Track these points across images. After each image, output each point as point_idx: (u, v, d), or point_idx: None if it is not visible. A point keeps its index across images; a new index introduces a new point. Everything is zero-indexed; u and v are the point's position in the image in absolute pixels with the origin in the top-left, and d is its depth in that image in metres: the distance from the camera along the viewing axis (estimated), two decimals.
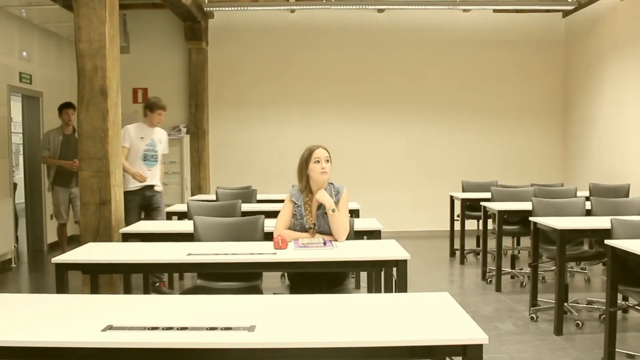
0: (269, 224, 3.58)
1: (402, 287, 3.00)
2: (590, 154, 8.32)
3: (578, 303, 4.84)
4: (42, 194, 7.70)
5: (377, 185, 8.77)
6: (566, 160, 9.05)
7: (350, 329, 1.90)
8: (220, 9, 8.22)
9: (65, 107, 6.52)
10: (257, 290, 3.52)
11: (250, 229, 3.63)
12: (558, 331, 4.15)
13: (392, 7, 8.59)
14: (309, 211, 3.43)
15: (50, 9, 7.01)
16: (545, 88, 9.09)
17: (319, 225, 3.44)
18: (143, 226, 4.38)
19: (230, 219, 3.82)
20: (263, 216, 3.68)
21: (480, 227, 6.02)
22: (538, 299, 4.64)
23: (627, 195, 6.09)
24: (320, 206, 3.43)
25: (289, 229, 3.45)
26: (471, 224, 6.79)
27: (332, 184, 3.50)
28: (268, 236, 3.51)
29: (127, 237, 4.07)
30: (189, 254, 3.08)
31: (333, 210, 3.36)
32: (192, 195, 8.20)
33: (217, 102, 8.83)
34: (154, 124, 5.46)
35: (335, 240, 3.37)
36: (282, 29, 8.86)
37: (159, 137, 5.56)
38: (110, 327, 1.87)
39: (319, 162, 3.39)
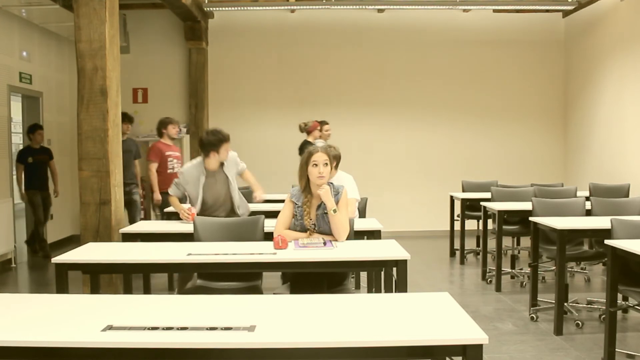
0: (269, 224, 3.58)
1: (402, 287, 3.00)
2: (590, 154, 8.32)
3: (578, 303, 4.84)
4: None
5: (377, 185, 8.76)
6: (566, 160, 9.04)
7: (350, 329, 1.90)
8: (220, 9, 8.23)
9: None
10: (257, 290, 3.52)
11: (250, 229, 3.63)
12: (558, 331, 4.15)
13: (392, 7, 8.59)
14: (308, 212, 3.43)
15: (50, 9, 7.00)
16: (545, 88, 9.08)
17: (318, 225, 3.43)
18: (143, 226, 4.38)
19: (230, 219, 3.83)
20: (263, 216, 3.69)
21: (480, 227, 6.02)
22: (538, 299, 4.63)
23: (627, 195, 6.09)
24: (320, 206, 3.42)
25: (289, 229, 3.45)
26: (471, 224, 6.79)
27: (331, 183, 3.49)
28: (268, 236, 3.51)
29: (127, 237, 4.07)
30: (189, 254, 3.08)
31: (335, 211, 3.35)
32: None
33: (217, 102, 8.83)
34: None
35: (335, 240, 3.37)
36: (282, 29, 8.86)
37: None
38: (110, 327, 1.87)
39: (316, 166, 3.38)
